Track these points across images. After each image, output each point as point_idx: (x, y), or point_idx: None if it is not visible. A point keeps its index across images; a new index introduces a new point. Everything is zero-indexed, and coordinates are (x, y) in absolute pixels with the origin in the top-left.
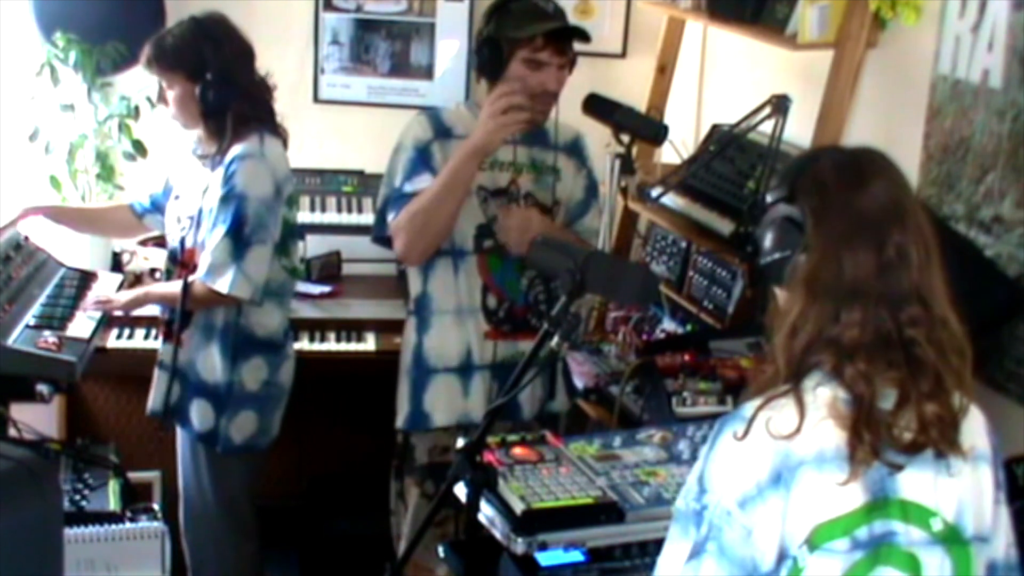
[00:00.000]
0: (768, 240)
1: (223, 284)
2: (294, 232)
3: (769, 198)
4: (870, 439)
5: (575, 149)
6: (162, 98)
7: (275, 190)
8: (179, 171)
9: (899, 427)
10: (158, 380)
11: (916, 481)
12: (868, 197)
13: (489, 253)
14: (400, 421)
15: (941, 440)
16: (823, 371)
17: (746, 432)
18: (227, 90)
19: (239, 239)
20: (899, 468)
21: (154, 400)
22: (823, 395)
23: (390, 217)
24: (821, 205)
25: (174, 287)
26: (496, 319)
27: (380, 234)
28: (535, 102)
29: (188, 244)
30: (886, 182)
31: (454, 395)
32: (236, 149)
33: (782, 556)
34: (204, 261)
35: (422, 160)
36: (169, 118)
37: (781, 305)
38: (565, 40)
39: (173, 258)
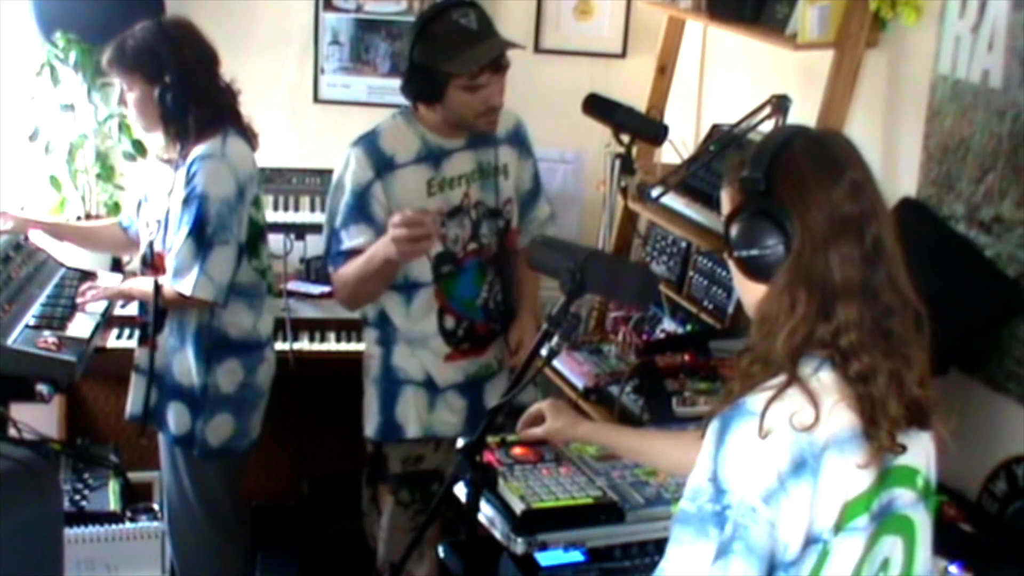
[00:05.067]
0: (745, 234)
1: (186, 286)
2: (263, 233)
3: (738, 185)
4: (887, 426)
5: (516, 138)
6: (122, 100)
7: (237, 190)
8: (151, 177)
9: (893, 407)
10: (135, 384)
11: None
12: (845, 191)
13: (445, 278)
14: (371, 431)
15: (925, 418)
16: (818, 356)
17: (763, 428)
18: (185, 94)
19: (201, 240)
20: (904, 449)
21: (133, 404)
22: (827, 378)
23: (330, 268)
24: (803, 202)
25: (150, 285)
26: (456, 339)
27: (326, 270)
28: (480, 119)
29: (157, 248)
30: (858, 171)
31: (422, 408)
32: (198, 150)
33: (808, 542)
34: (169, 264)
35: (359, 207)
36: (132, 121)
37: (761, 303)
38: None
39: (145, 261)
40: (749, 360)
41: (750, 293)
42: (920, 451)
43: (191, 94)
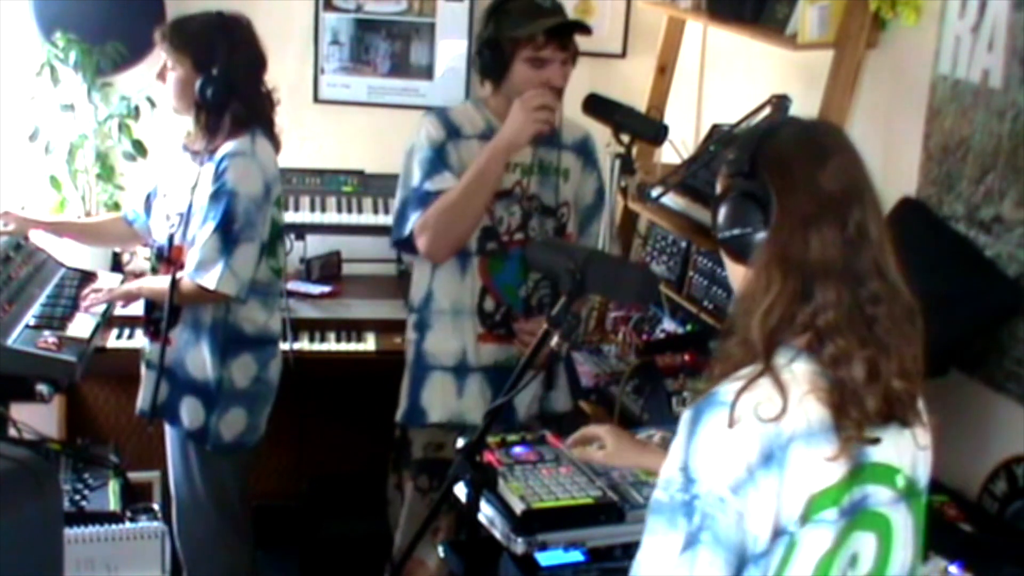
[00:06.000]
0: (728, 215)
1: (210, 280)
2: (281, 233)
3: (725, 170)
4: (856, 416)
5: (584, 149)
6: (162, 75)
7: (264, 189)
8: (167, 169)
9: (870, 399)
10: (147, 379)
11: (884, 443)
12: (829, 175)
13: (491, 255)
14: (398, 415)
15: (907, 413)
16: (794, 346)
17: (732, 419)
18: (226, 91)
19: (228, 236)
20: (877, 442)
21: (143, 399)
22: (800, 370)
23: (413, 216)
24: (784, 183)
25: (165, 283)
26: (492, 322)
27: (400, 236)
28: None
29: (176, 241)
30: (845, 158)
31: (448, 394)
32: (227, 146)
33: (777, 534)
34: (192, 257)
35: (440, 159)
36: (165, 97)
37: (738, 282)
38: (566, 35)
39: (159, 255)
40: (729, 341)
41: (737, 277)
42: (903, 450)
43: (232, 92)
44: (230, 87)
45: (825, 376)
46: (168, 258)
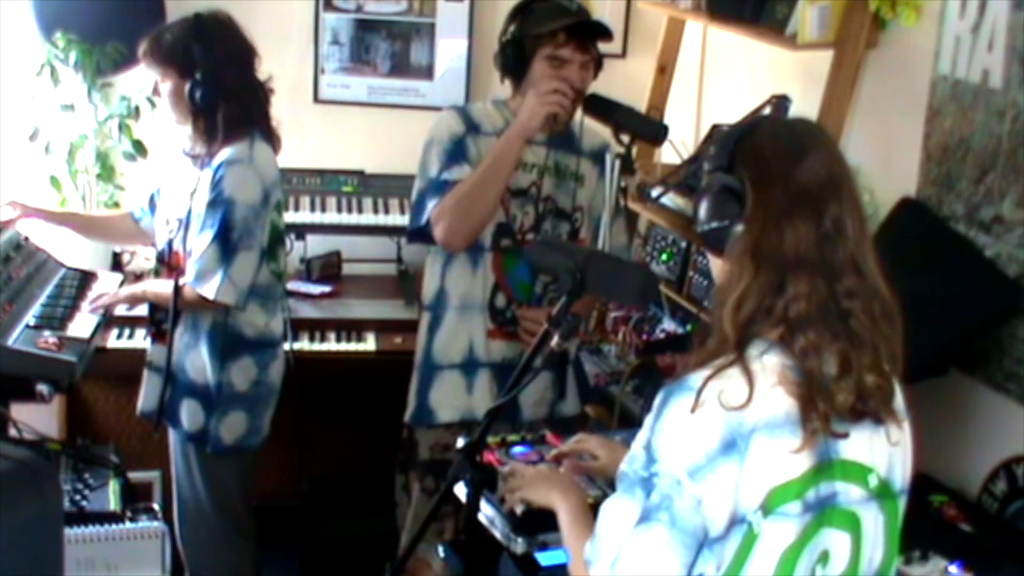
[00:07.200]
0: (706, 209)
1: (209, 290)
2: (282, 237)
3: (707, 166)
4: (823, 409)
5: (602, 157)
6: (156, 92)
7: (263, 196)
8: (169, 172)
9: (841, 394)
10: (148, 381)
11: (855, 441)
12: (806, 169)
13: (505, 252)
14: (407, 415)
15: (880, 409)
16: (768, 339)
17: (696, 404)
18: (214, 91)
19: (226, 245)
20: (844, 436)
21: (145, 400)
22: (771, 362)
23: (431, 204)
24: (760, 176)
25: (168, 286)
26: (502, 318)
27: (417, 225)
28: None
29: (175, 247)
30: (823, 154)
31: (458, 392)
32: (225, 153)
33: (733, 521)
34: (192, 266)
35: (458, 151)
36: (164, 113)
37: (718, 275)
38: (587, 37)
39: (161, 259)
40: (707, 333)
41: (717, 270)
42: (877, 449)
43: (220, 92)
44: (217, 85)
45: (796, 370)
46: (168, 262)
